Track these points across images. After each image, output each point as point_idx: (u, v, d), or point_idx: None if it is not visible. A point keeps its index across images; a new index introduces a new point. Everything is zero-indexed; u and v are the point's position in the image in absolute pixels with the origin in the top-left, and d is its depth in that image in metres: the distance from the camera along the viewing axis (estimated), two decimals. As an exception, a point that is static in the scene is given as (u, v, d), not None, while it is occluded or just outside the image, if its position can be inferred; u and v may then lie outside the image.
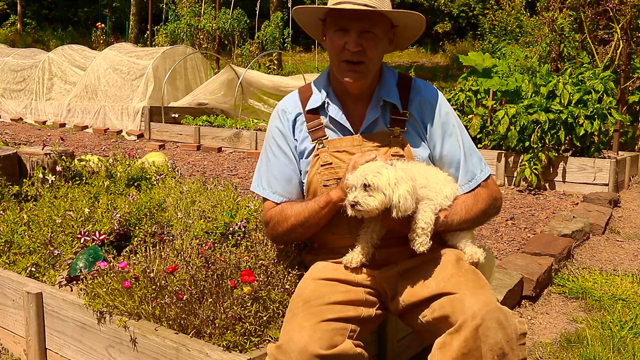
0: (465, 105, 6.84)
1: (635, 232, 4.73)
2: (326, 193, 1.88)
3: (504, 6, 13.28)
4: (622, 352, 2.61)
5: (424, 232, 1.79)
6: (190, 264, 2.04)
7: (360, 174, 1.74)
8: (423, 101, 1.97)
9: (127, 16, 22.47)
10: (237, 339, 1.81)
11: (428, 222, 1.80)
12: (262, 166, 2.05)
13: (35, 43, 22.05)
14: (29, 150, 3.38)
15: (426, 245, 1.79)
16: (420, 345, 2.33)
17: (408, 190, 1.74)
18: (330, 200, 1.85)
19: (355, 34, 1.82)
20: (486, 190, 1.96)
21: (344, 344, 1.67)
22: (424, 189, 1.83)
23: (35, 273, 2.45)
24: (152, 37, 17.03)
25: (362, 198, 1.73)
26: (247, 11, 17.15)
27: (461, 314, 1.65)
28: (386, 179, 1.72)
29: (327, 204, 1.86)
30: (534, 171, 6.01)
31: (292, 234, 1.97)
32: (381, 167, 1.74)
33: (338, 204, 1.83)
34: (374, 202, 1.72)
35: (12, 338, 2.47)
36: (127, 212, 2.57)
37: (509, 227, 4.66)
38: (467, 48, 18.21)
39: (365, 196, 1.73)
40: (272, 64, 15.65)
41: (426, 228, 1.79)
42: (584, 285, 3.43)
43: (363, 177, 1.72)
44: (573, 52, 7.82)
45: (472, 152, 2.00)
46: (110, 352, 2.08)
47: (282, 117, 2.01)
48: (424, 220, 1.80)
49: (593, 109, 6.07)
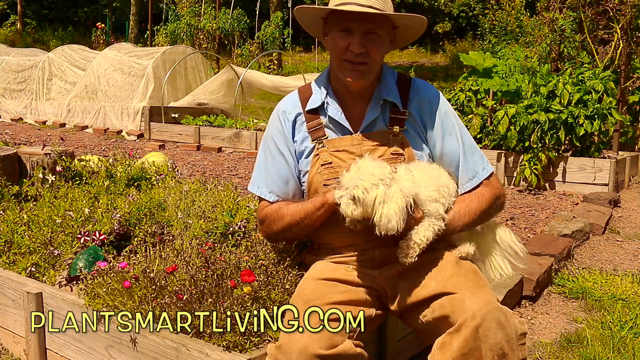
0: (465, 105, 6.84)
1: (635, 232, 4.73)
2: (322, 194, 1.88)
3: (504, 6, 13.28)
4: (622, 352, 2.61)
5: (416, 247, 1.78)
6: (190, 264, 2.04)
7: (354, 181, 1.70)
8: (422, 100, 1.97)
9: (127, 16, 22.47)
10: (237, 339, 1.81)
11: (423, 240, 1.77)
12: (259, 166, 2.05)
13: (35, 43, 22.05)
14: (29, 150, 3.37)
15: (412, 259, 1.78)
16: (420, 345, 2.33)
17: (396, 210, 1.68)
18: (326, 202, 1.85)
19: (359, 35, 1.82)
20: (489, 189, 1.95)
21: (344, 344, 1.67)
22: (434, 204, 1.81)
23: (35, 273, 2.45)
24: (152, 37, 17.04)
25: (346, 204, 1.71)
26: (247, 11, 17.16)
27: (461, 314, 1.65)
28: (373, 196, 1.68)
29: (323, 205, 1.86)
30: (534, 171, 6.01)
31: (286, 233, 1.97)
32: (377, 180, 1.69)
33: (334, 206, 1.83)
34: (353, 212, 1.71)
35: (12, 338, 2.47)
36: (127, 212, 2.57)
37: (509, 227, 4.66)
38: (467, 48, 18.21)
39: (349, 203, 1.71)
40: (272, 64, 15.67)
41: (420, 244, 1.77)
42: (584, 285, 3.43)
43: (353, 187, 1.69)
44: (573, 52, 7.82)
45: (474, 150, 1.99)
46: (110, 352, 2.08)
47: (281, 118, 2.01)
48: (422, 236, 1.77)
49: (593, 109, 6.07)
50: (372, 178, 1.70)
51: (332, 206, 1.83)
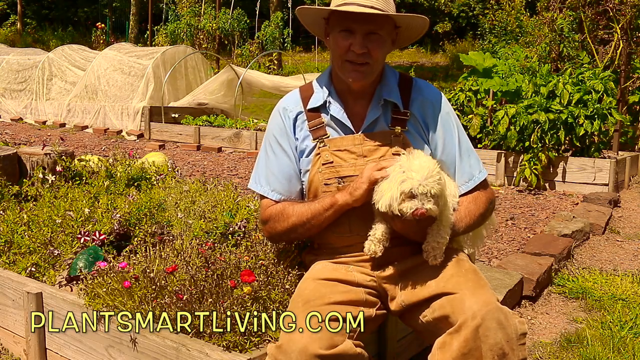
0: (465, 105, 6.84)
1: (635, 232, 4.73)
2: (331, 195, 1.87)
3: (504, 6, 13.27)
4: (622, 352, 2.61)
5: (439, 246, 1.80)
6: (190, 264, 2.04)
7: (426, 180, 1.70)
8: (425, 101, 1.97)
9: (127, 16, 22.48)
10: (237, 339, 1.81)
11: (445, 237, 1.80)
12: (261, 164, 2.04)
13: (35, 43, 22.04)
14: (29, 150, 3.37)
15: (440, 259, 1.80)
16: (420, 345, 2.33)
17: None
18: (336, 203, 1.85)
19: (360, 36, 1.82)
20: (485, 193, 1.97)
21: (344, 344, 1.67)
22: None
23: (35, 273, 2.45)
24: (152, 37, 17.05)
25: (431, 205, 1.72)
26: (247, 11, 17.17)
27: (461, 314, 1.65)
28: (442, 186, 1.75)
29: (332, 206, 1.85)
30: (534, 171, 6.01)
31: (291, 234, 1.97)
32: (436, 174, 1.73)
33: (344, 208, 1.83)
34: (434, 208, 1.73)
35: (12, 338, 2.47)
36: (127, 212, 2.57)
37: (509, 227, 4.66)
38: (467, 48, 18.21)
39: (430, 203, 1.72)
40: (272, 64, 15.69)
41: (442, 242, 1.80)
42: (584, 285, 3.43)
43: (422, 185, 1.70)
44: (573, 52, 7.82)
45: (470, 152, 2.00)
46: (110, 352, 2.08)
47: (283, 115, 2.01)
48: (444, 234, 1.80)
49: (593, 109, 6.07)
50: (430, 172, 1.72)
51: (342, 207, 1.84)
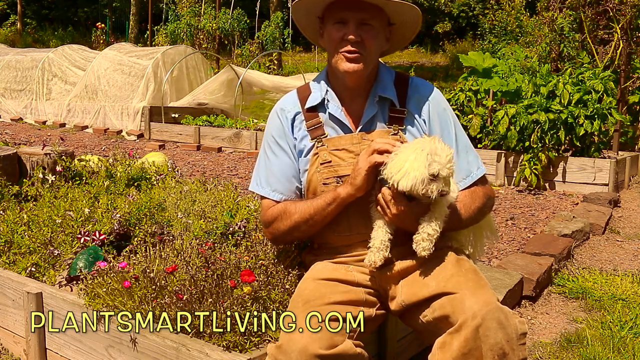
0: (465, 105, 6.83)
1: (635, 232, 4.73)
2: (333, 189, 1.88)
3: (504, 6, 13.27)
4: (622, 352, 2.61)
5: (430, 238, 1.79)
6: (190, 264, 2.04)
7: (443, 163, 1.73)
8: (421, 99, 1.98)
9: (127, 16, 22.47)
10: (237, 339, 1.81)
11: (436, 230, 1.79)
12: (261, 165, 2.04)
13: (35, 43, 22.05)
14: (29, 150, 3.37)
15: (428, 251, 1.79)
16: (420, 345, 2.33)
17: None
18: (338, 196, 1.85)
19: (354, 25, 1.84)
20: (482, 189, 1.97)
21: (344, 344, 1.67)
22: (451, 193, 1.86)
23: (35, 273, 2.45)
24: (152, 37, 17.05)
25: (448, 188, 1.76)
26: (247, 11, 17.17)
27: (461, 314, 1.65)
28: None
29: (335, 200, 1.85)
30: (534, 171, 6.01)
31: (294, 232, 1.96)
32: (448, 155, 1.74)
33: (347, 201, 1.83)
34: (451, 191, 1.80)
35: (12, 338, 2.47)
36: (127, 212, 2.57)
37: (509, 227, 4.66)
38: (467, 48, 18.21)
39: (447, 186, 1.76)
40: (272, 64, 15.68)
41: (433, 235, 1.79)
42: (584, 285, 3.43)
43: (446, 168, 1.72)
44: (573, 52, 7.82)
45: (469, 149, 2.00)
46: (110, 352, 2.08)
47: (281, 116, 2.01)
48: (435, 227, 1.80)
49: (593, 109, 6.07)
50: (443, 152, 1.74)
51: (344, 199, 1.84)
